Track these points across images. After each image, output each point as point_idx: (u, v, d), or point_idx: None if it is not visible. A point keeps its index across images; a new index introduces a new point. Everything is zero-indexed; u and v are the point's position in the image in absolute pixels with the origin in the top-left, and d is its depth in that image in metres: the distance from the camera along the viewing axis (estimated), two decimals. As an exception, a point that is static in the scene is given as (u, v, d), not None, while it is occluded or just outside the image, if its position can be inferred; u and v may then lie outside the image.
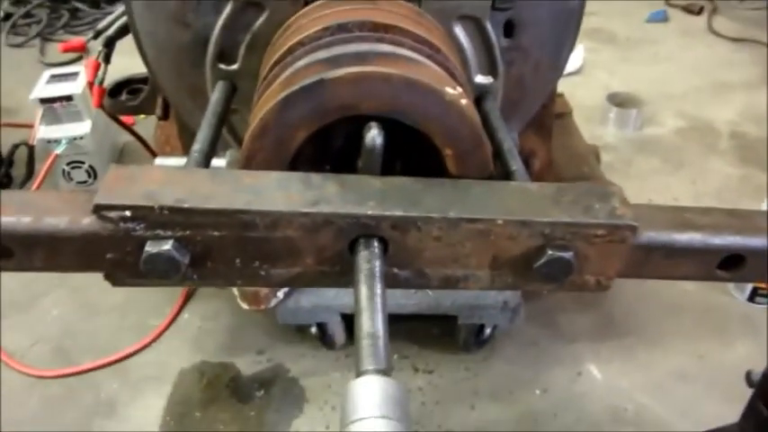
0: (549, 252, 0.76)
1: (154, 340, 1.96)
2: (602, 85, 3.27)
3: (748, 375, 1.25)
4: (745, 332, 1.95)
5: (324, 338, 1.85)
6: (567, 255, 0.76)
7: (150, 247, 0.71)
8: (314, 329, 1.84)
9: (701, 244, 0.78)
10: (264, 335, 1.94)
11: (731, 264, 0.80)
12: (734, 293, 2.07)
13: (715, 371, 1.84)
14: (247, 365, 1.87)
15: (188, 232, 0.72)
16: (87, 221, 0.71)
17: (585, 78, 3.37)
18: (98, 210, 0.71)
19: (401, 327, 1.91)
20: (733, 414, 1.62)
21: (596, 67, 3.44)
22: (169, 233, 0.72)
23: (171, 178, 0.74)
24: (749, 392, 1.28)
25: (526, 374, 1.83)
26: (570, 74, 3.32)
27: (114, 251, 0.73)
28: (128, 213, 0.71)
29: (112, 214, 0.71)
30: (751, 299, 2.03)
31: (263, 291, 1.55)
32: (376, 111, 0.79)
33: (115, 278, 0.75)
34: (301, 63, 0.84)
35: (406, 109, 0.79)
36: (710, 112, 3.05)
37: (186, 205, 0.71)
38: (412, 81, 0.78)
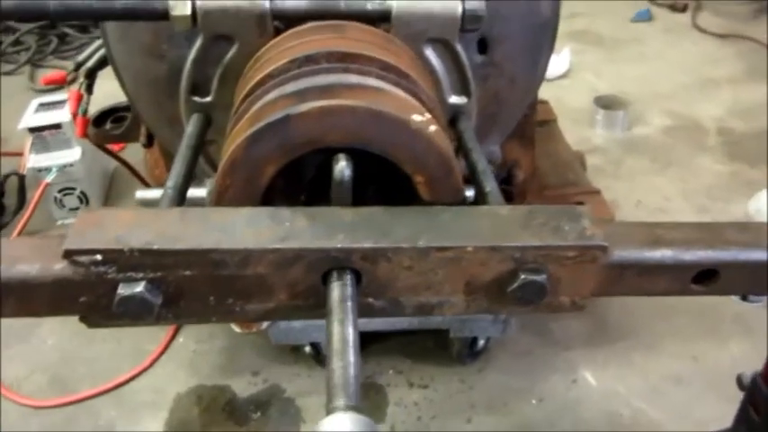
0: (522, 276, 0.76)
1: (150, 365, 1.96)
2: (589, 87, 3.28)
3: (739, 379, 1.25)
4: (738, 331, 1.95)
5: (318, 357, 1.85)
6: (540, 278, 0.76)
7: (122, 290, 0.72)
8: (308, 349, 1.84)
9: (672, 260, 0.78)
10: (259, 356, 1.94)
11: (705, 278, 0.80)
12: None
13: (710, 372, 1.84)
14: (243, 387, 1.87)
15: (159, 273, 0.73)
16: (59, 267, 0.72)
17: (573, 81, 3.38)
18: (69, 255, 0.71)
19: (395, 341, 1.91)
20: (729, 415, 1.62)
21: (583, 69, 3.45)
22: (141, 275, 0.72)
23: (140, 221, 0.75)
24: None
25: (521, 384, 1.83)
26: (557, 77, 3.34)
27: (87, 295, 0.73)
28: (99, 257, 0.71)
29: (83, 258, 0.71)
30: (744, 297, 2.02)
31: (253, 314, 1.55)
32: (343, 143, 0.80)
33: (90, 321, 0.76)
34: (269, 97, 0.84)
35: (374, 139, 0.80)
36: (697, 109, 3.06)
37: (156, 247, 0.72)
38: (377, 112, 0.78)
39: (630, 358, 1.90)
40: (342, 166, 0.78)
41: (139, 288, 0.72)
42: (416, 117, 0.81)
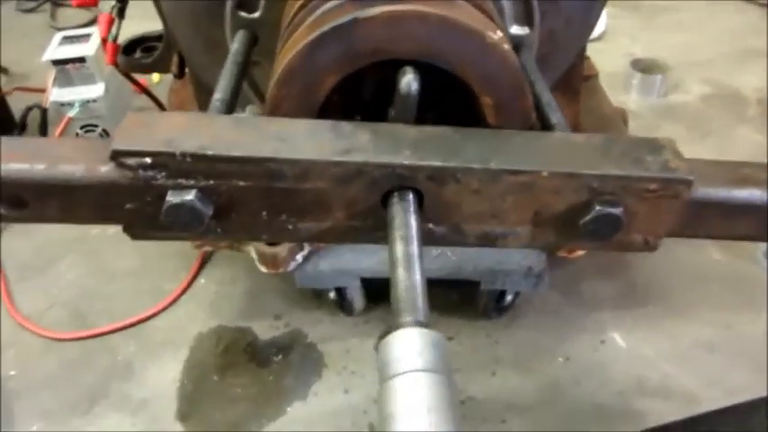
0: (597, 207, 0.71)
1: (170, 304, 1.94)
2: (624, 51, 3.17)
3: None
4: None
5: (343, 304, 1.82)
6: (616, 210, 0.71)
7: (172, 197, 0.67)
8: (332, 294, 1.80)
9: (761, 200, 0.72)
10: (281, 300, 1.91)
11: (790, 223, 0.75)
12: (763, 263, 2.01)
13: (742, 341, 1.79)
14: (264, 330, 1.85)
15: (212, 182, 0.68)
16: (105, 169, 0.67)
17: (608, 44, 3.26)
18: (116, 156, 0.66)
19: (420, 293, 1.88)
20: (761, 384, 1.59)
21: (619, 34, 3.33)
22: (192, 182, 0.67)
23: (193, 124, 0.69)
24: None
25: (548, 342, 1.80)
26: (593, 39, 3.22)
27: (134, 201, 0.69)
28: (148, 161, 0.66)
29: (131, 161, 0.66)
30: (782, 268, 1.97)
31: (282, 253, 1.51)
32: (411, 54, 0.74)
33: (134, 230, 0.71)
34: (330, 4, 0.78)
35: (444, 52, 0.74)
36: (738, 78, 2.95)
37: (210, 152, 0.67)
38: (451, 21, 0.72)
39: (660, 323, 1.85)
40: (409, 79, 0.72)
41: (190, 196, 0.67)
42: (490, 33, 0.75)
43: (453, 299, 1.89)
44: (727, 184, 0.73)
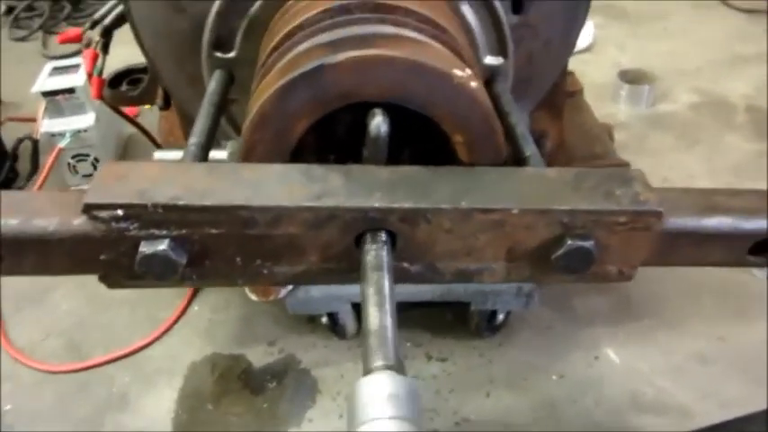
0: (569, 242, 0.71)
1: (164, 333, 1.93)
2: (612, 61, 3.19)
3: None
4: (766, 312, 1.90)
5: (335, 328, 1.82)
6: (588, 244, 0.71)
7: (145, 248, 0.68)
8: (324, 319, 1.80)
9: (730, 228, 0.73)
10: (275, 325, 1.91)
11: (763, 248, 0.75)
12: (754, 272, 2.01)
13: (736, 353, 1.79)
14: (259, 357, 1.85)
15: (184, 231, 0.68)
16: (78, 222, 0.68)
17: (596, 55, 3.28)
18: (89, 209, 0.67)
19: (413, 314, 1.88)
20: (755, 396, 1.58)
21: (607, 44, 3.35)
22: (164, 232, 0.68)
23: (165, 174, 0.70)
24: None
25: (542, 360, 1.79)
26: (580, 51, 3.24)
27: (108, 252, 0.69)
28: (120, 213, 0.67)
29: (104, 214, 0.67)
30: (773, 277, 1.97)
31: (272, 283, 1.51)
32: (380, 96, 0.75)
33: (110, 280, 0.72)
34: (301, 48, 0.79)
35: (413, 94, 0.75)
36: (725, 86, 2.97)
37: (182, 203, 0.67)
38: (417, 64, 0.73)
39: (654, 336, 1.85)
40: (378, 122, 0.73)
41: (163, 246, 0.68)
42: (458, 71, 0.76)
43: (446, 319, 1.89)
44: (697, 213, 0.74)
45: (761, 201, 0.75)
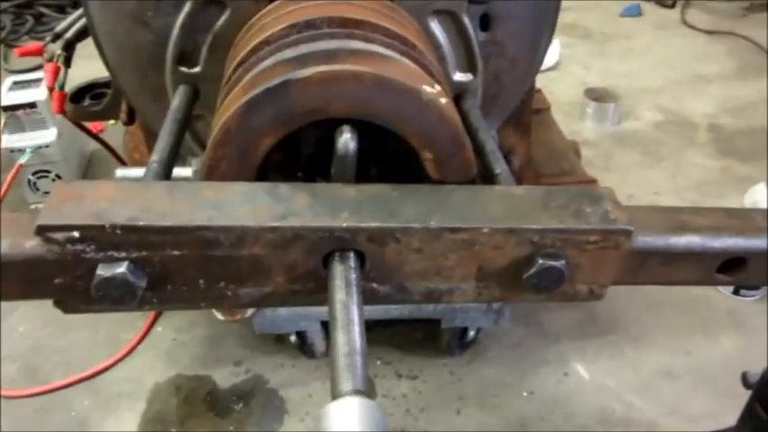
0: (539, 261, 0.70)
1: (126, 355, 1.88)
2: (578, 80, 3.25)
3: (744, 377, 1.20)
4: (730, 326, 1.93)
5: (304, 347, 1.79)
6: (558, 263, 0.70)
7: (102, 271, 0.64)
8: (293, 338, 1.77)
9: (699, 247, 0.73)
10: (241, 345, 1.87)
11: (731, 266, 0.76)
12: (720, 288, 2.04)
13: (702, 367, 1.81)
14: (225, 378, 1.80)
15: (144, 253, 0.65)
16: (31, 245, 0.64)
17: (562, 74, 3.34)
18: (42, 231, 0.64)
19: (383, 332, 1.86)
20: (722, 410, 1.59)
21: (572, 63, 3.42)
22: (123, 254, 0.65)
23: (124, 194, 0.67)
24: (738, 388, 1.23)
25: (512, 377, 1.79)
26: (547, 69, 3.29)
27: (63, 276, 0.66)
28: (75, 234, 0.64)
29: (58, 235, 0.64)
30: (736, 292, 2.01)
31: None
32: (348, 113, 0.73)
33: (66, 305, 0.68)
34: (266, 63, 0.78)
35: (381, 110, 0.74)
36: (688, 105, 3.04)
37: (141, 223, 0.65)
38: (385, 80, 0.72)
39: (621, 351, 1.87)
40: (346, 139, 0.72)
41: (121, 269, 0.65)
42: (427, 88, 0.75)
43: (416, 337, 1.88)
44: (666, 231, 0.74)
45: (728, 219, 0.76)
